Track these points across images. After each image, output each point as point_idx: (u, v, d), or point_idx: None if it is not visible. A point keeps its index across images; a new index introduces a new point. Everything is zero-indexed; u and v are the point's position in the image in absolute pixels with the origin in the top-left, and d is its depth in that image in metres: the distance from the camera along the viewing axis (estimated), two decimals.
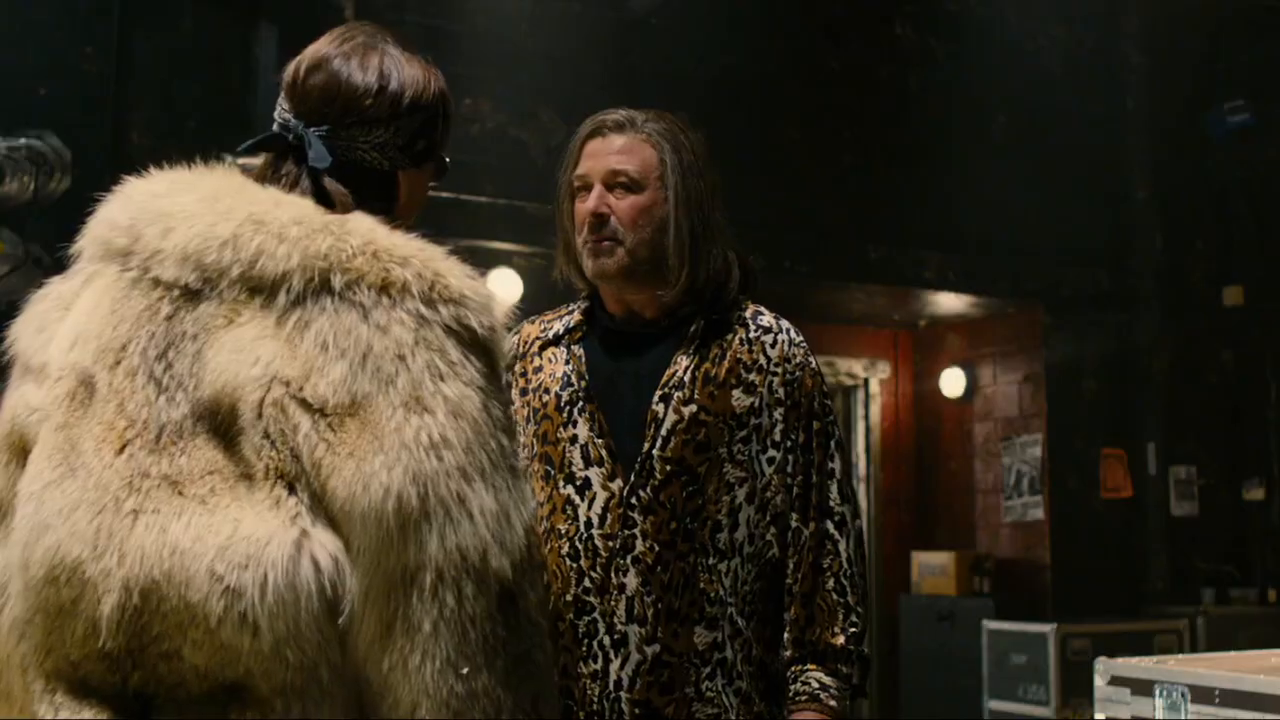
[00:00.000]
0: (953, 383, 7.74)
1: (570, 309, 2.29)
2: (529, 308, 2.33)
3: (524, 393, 2.22)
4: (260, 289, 1.31)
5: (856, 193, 6.64)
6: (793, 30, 6.60)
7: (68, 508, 1.27)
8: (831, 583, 2.13)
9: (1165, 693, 2.59)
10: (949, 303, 7.34)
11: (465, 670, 1.23)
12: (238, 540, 1.22)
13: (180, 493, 1.26)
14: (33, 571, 1.29)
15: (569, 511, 2.11)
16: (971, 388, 7.69)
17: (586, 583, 2.09)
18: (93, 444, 1.30)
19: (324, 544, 1.24)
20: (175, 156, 1.54)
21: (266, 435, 1.26)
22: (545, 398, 2.18)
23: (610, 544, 2.08)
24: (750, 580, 2.12)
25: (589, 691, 2.07)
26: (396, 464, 1.23)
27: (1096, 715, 2.74)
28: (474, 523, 1.25)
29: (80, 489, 1.28)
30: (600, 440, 2.12)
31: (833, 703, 2.09)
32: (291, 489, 1.25)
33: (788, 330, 2.20)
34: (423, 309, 1.30)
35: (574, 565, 2.09)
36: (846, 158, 6.68)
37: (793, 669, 2.13)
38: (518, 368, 2.24)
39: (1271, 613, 6.96)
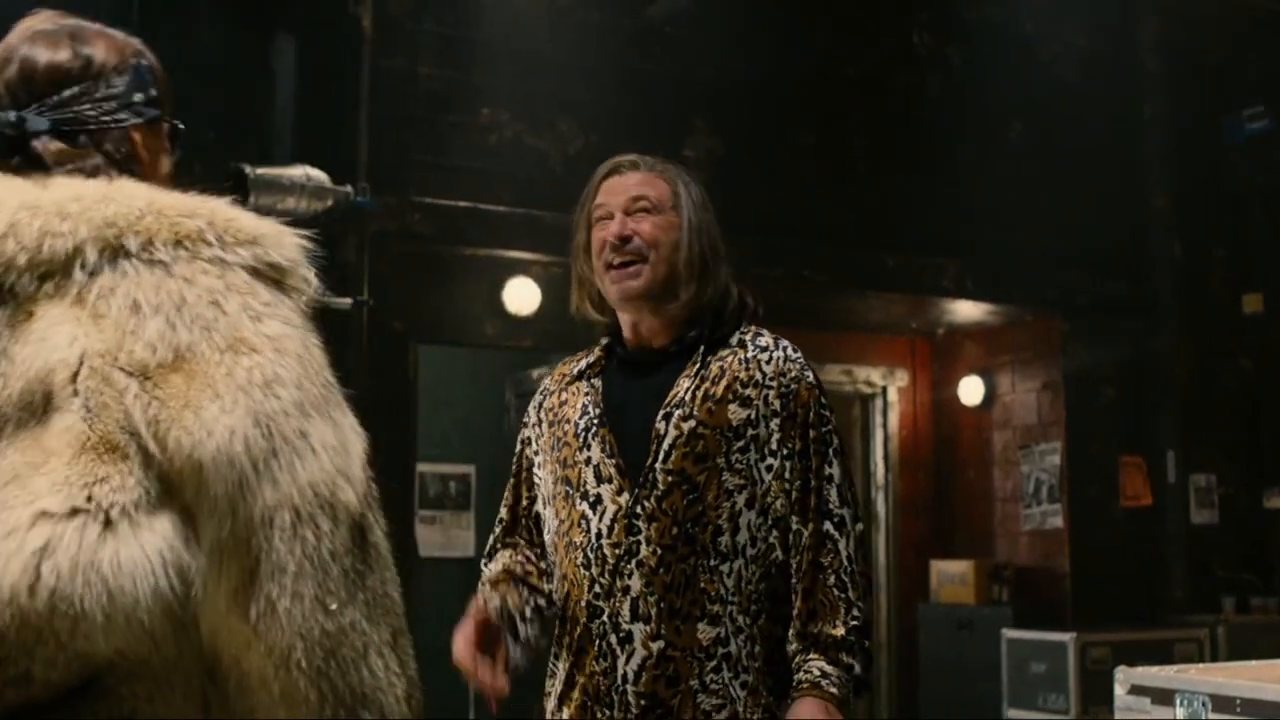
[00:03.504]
0: (971, 391, 7.73)
1: (594, 349, 2.49)
2: (546, 316, 2.40)
3: (551, 424, 2.43)
4: (51, 273, 1.26)
5: (873, 201, 6.63)
6: (809, 38, 6.60)
7: None
8: (832, 579, 2.25)
9: (1186, 702, 2.58)
10: (967, 311, 7.32)
11: (334, 606, 1.20)
12: (48, 546, 1.15)
13: None
14: None
15: (583, 525, 2.30)
16: (990, 396, 7.67)
17: (596, 588, 2.26)
18: None
19: (156, 531, 1.18)
20: (193, 167, 1.54)
21: (88, 409, 1.21)
22: (566, 427, 2.38)
23: (617, 550, 2.25)
24: (755, 580, 2.27)
25: (600, 686, 2.25)
26: (236, 406, 1.20)
27: None
28: (318, 456, 1.23)
29: None
30: (611, 460, 2.30)
31: (833, 690, 2.19)
32: (124, 459, 1.19)
33: (785, 348, 2.36)
34: (222, 254, 1.28)
35: (586, 573, 2.28)
36: (863, 165, 6.67)
37: (796, 659, 2.24)
38: (547, 403, 2.46)
39: None
